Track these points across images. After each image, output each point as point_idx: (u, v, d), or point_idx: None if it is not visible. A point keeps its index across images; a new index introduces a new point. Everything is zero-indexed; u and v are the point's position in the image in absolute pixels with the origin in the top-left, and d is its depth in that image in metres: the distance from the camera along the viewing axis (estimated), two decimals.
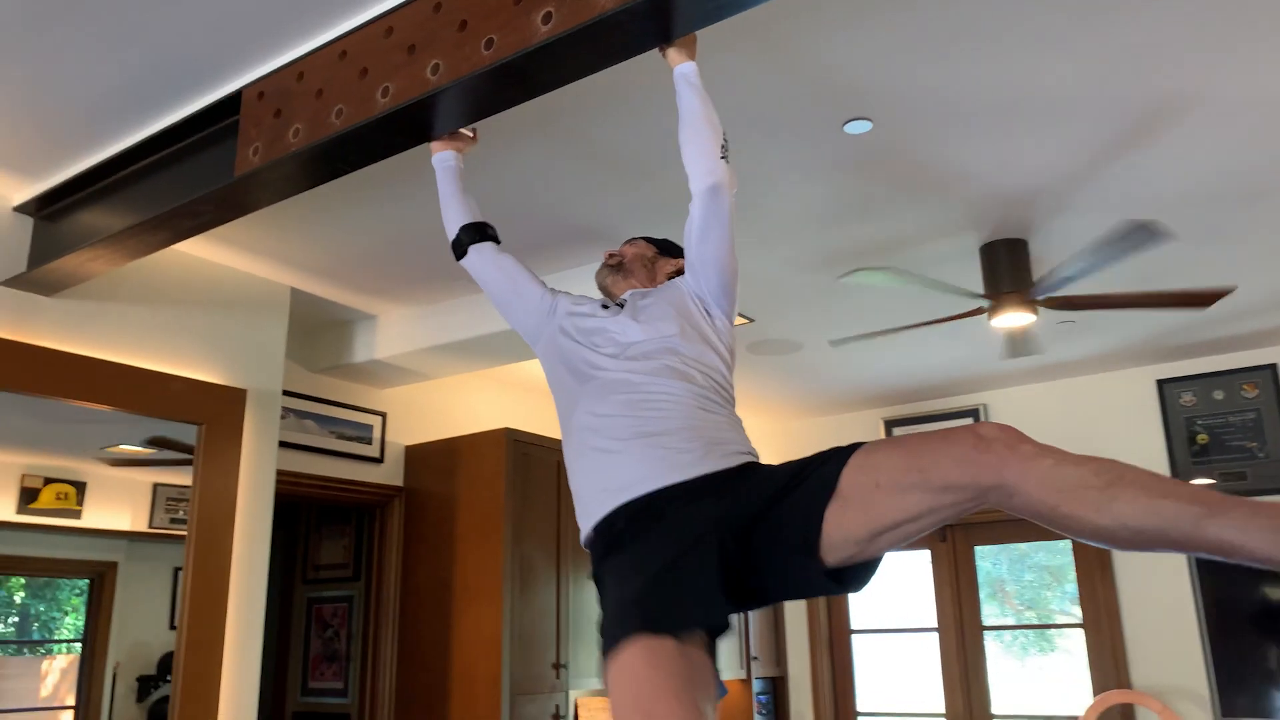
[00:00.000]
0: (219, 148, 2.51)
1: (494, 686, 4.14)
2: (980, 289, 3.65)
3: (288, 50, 2.33)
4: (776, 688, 6.10)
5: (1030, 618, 5.71)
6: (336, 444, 4.36)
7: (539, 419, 5.34)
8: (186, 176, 2.58)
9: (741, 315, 4.31)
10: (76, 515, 3.48)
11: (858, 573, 1.66)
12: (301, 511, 5.22)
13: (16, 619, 3.44)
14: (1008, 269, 3.54)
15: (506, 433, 4.43)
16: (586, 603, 4.70)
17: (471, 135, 2.28)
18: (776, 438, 6.52)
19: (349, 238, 3.46)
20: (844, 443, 1.66)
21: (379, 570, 4.60)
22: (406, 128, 2.11)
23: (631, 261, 2.18)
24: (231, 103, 2.47)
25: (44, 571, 3.50)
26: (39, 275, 2.95)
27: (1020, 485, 1.42)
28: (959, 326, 4.21)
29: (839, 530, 1.58)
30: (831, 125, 2.75)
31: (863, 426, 6.17)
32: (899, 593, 6.06)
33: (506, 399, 5.34)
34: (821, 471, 1.61)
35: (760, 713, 5.84)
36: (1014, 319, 3.57)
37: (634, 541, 1.69)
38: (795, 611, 6.22)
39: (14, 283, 2.99)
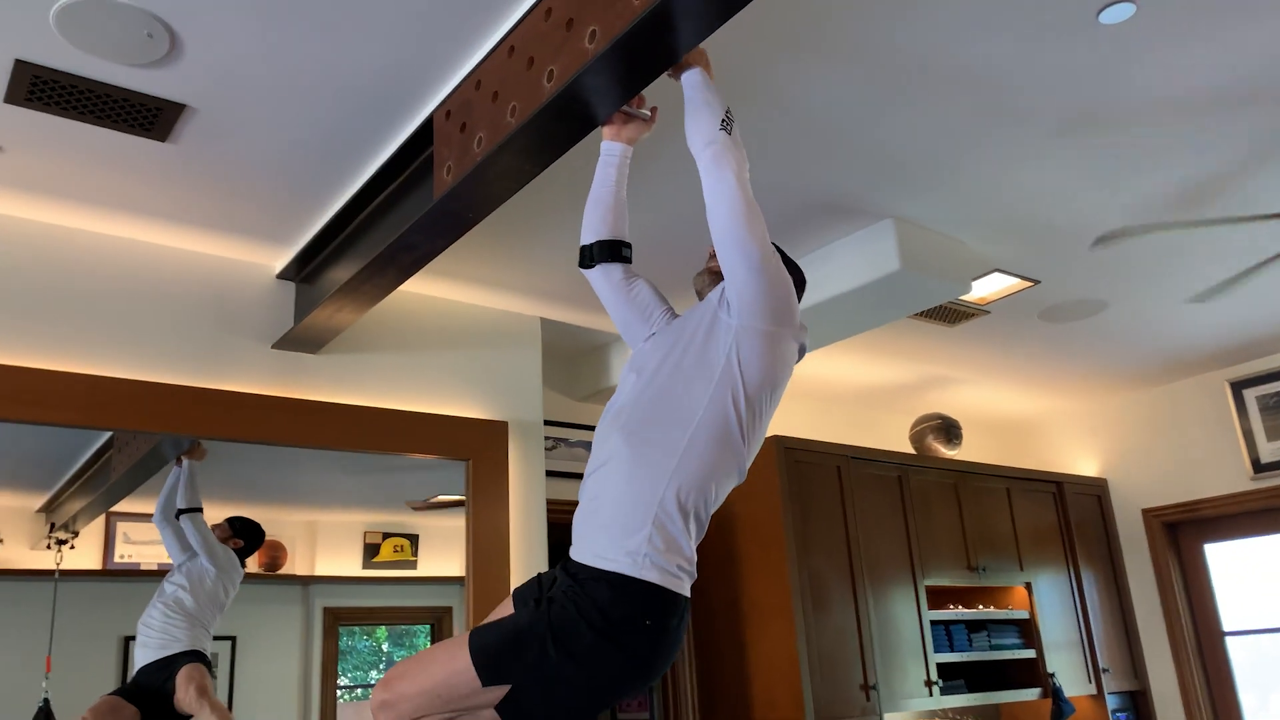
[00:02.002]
0: (425, 179, 2.51)
1: (797, 710, 3.85)
2: None
3: (466, 62, 2.28)
4: (1137, 703, 5.28)
5: None
6: None
7: (811, 425, 5.04)
8: (401, 213, 2.61)
9: (1024, 278, 3.78)
10: (413, 566, 3.66)
11: None
12: None
13: (384, 665, 3.65)
14: None
15: (776, 440, 4.17)
16: (893, 620, 4.30)
17: (649, 116, 2.09)
18: (1096, 419, 5.73)
19: (540, 271, 3.41)
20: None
21: None
22: (570, 108, 1.95)
23: None
24: (428, 130, 2.46)
25: (392, 620, 3.72)
26: (299, 333, 3.12)
27: None
28: None
29: None
30: (1083, 16, 2.27)
31: (1205, 393, 5.26)
32: (1277, 584, 5.06)
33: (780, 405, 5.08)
34: None
35: None
36: None
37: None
38: (1150, 613, 5.38)
39: (282, 344, 3.19)
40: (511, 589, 3.39)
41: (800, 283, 1.98)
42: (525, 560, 3.51)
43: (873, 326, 3.72)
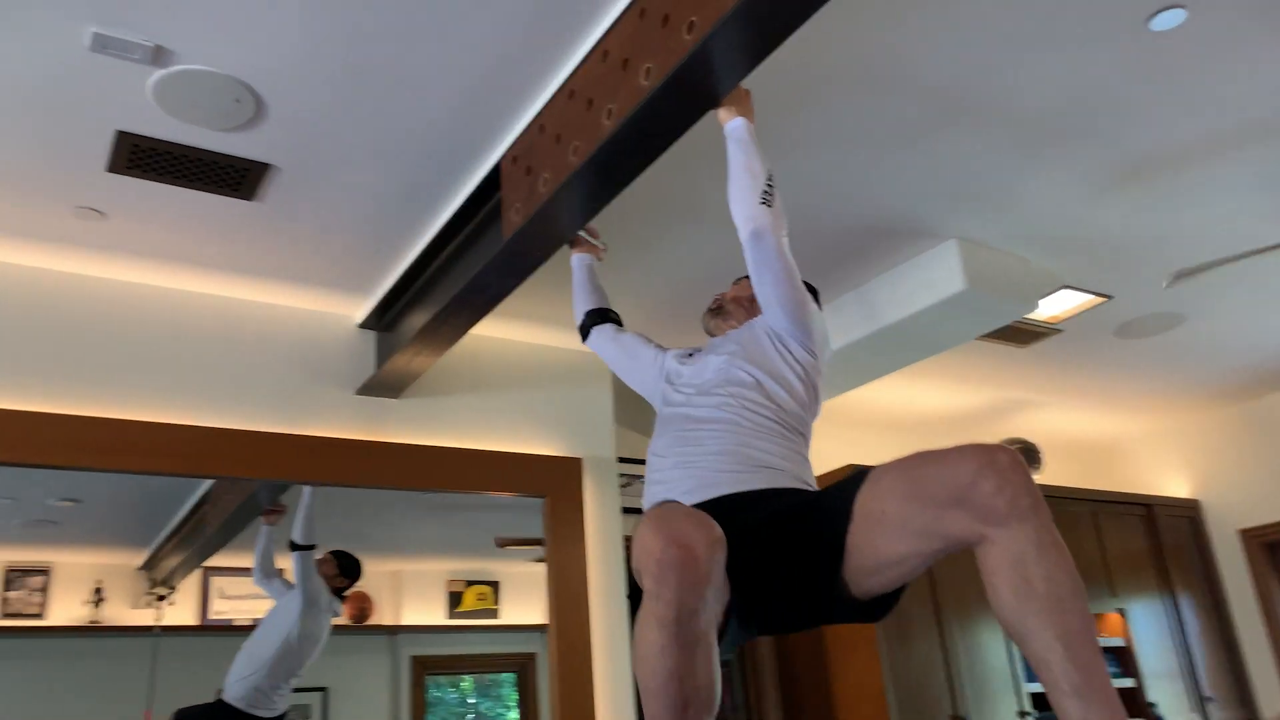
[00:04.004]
0: (495, 222, 2.62)
1: None
2: None
3: (530, 108, 2.39)
4: None
5: None
6: None
7: (884, 454, 4.98)
8: (473, 257, 2.72)
9: (1095, 293, 3.74)
10: (495, 614, 3.74)
11: (882, 602, 1.65)
12: None
13: (472, 716, 3.71)
14: None
15: (853, 471, 4.15)
16: (980, 649, 4.21)
17: (602, 248, 2.60)
18: (1185, 437, 5.57)
19: (642, 296, 3.49)
20: None
21: None
22: (629, 143, 2.04)
23: (730, 303, 2.25)
24: (496, 176, 2.57)
25: (478, 667, 3.79)
26: (381, 379, 3.24)
27: (995, 541, 1.37)
28: None
29: (856, 558, 1.55)
30: (1134, 25, 2.29)
31: None
32: None
33: (849, 435, 5.05)
34: (841, 494, 1.59)
35: None
36: None
37: None
38: (1255, 638, 5.15)
39: (365, 389, 3.32)
40: (592, 624, 3.44)
41: (815, 296, 2.20)
42: (605, 593, 3.54)
43: (941, 350, 3.71)
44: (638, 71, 1.96)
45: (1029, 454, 4.95)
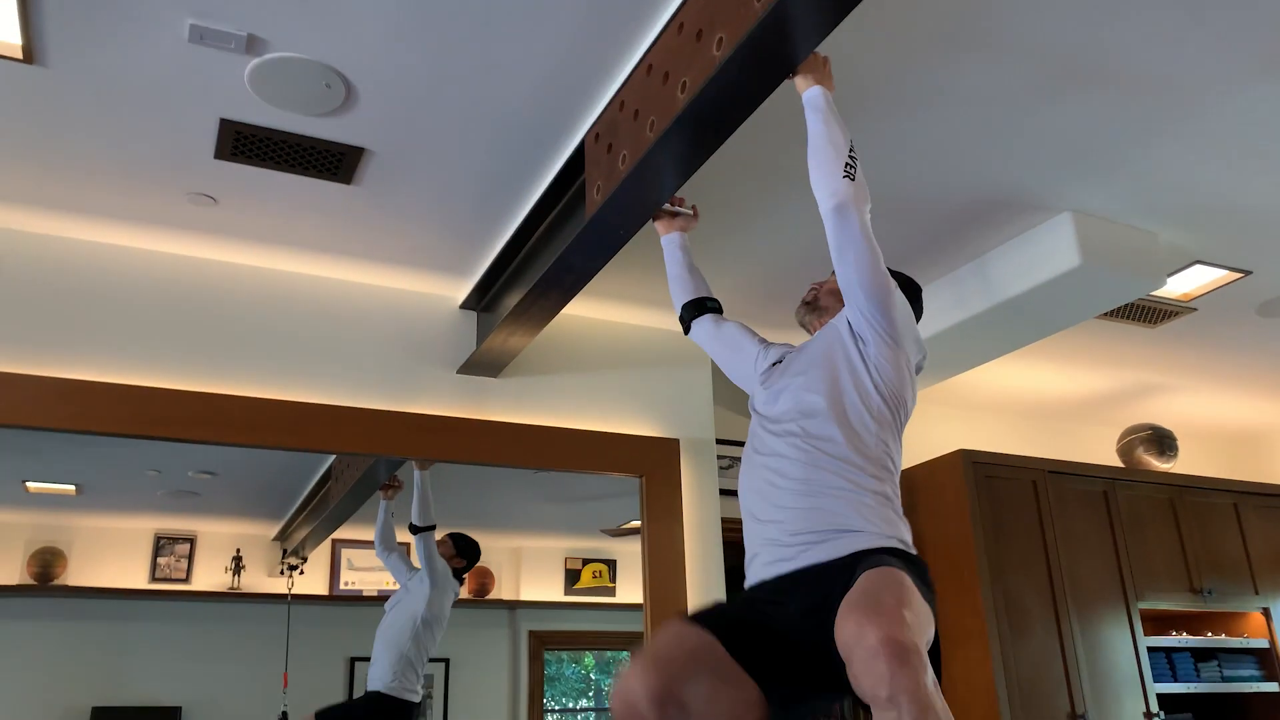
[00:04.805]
0: (582, 203, 2.62)
1: None
2: None
3: (611, 85, 2.37)
4: None
5: None
6: None
7: (1002, 439, 4.79)
8: (561, 237, 2.73)
9: (1232, 269, 3.47)
10: (611, 592, 3.79)
11: None
12: None
13: (592, 693, 3.78)
14: None
15: (963, 455, 3.99)
16: (1102, 646, 4.00)
17: (692, 212, 2.49)
18: None
19: (738, 274, 3.43)
20: None
21: None
22: (704, 116, 2.00)
23: (825, 297, 2.18)
24: (581, 155, 2.57)
25: (594, 644, 3.85)
26: (480, 358, 3.30)
27: None
28: None
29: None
30: None
31: None
32: None
33: (966, 418, 4.87)
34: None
35: None
36: None
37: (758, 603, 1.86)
38: None
39: (465, 369, 3.38)
40: (690, 607, 3.42)
41: (916, 292, 2.15)
42: (702, 575, 3.52)
43: (1060, 328, 3.52)
44: (710, 42, 1.91)
45: (1162, 441, 4.65)
